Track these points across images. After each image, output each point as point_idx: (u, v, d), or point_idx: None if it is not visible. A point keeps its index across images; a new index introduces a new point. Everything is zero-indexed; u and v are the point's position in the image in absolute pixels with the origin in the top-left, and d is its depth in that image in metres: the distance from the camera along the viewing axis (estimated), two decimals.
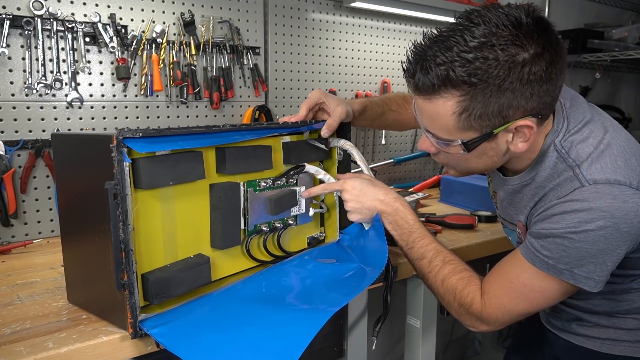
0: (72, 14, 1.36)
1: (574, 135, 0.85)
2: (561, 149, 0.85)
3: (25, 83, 1.32)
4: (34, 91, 1.33)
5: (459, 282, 0.93)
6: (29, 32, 1.30)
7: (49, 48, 1.34)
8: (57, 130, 1.37)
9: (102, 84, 1.44)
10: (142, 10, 1.48)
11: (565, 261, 0.81)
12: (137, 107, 1.51)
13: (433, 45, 0.77)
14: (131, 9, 1.46)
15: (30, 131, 1.34)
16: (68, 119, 1.40)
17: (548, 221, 0.83)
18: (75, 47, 1.38)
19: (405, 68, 0.82)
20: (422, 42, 0.79)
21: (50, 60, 1.34)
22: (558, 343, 1.05)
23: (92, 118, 1.44)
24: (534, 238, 0.85)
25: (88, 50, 1.40)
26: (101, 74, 1.44)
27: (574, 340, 1.02)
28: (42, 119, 1.36)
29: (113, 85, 1.46)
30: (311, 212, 1.08)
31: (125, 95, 1.48)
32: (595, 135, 0.85)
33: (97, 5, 1.40)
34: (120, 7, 1.44)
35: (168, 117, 1.56)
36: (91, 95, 1.43)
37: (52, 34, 1.33)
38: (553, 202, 0.84)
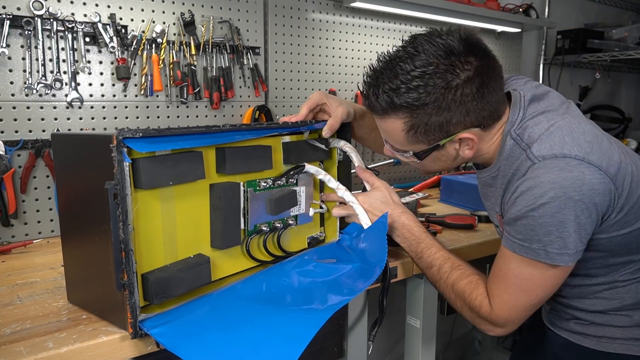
0: (72, 14, 1.36)
1: (528, 121, 0.92)
2: (516, 136, 0.92)
3: (25, 83, 1.32)
4: (34, 91, 1.33)
5: (467, 286, 0.98)
6: (29, 32, 1.30)
7: (49, 48, 1.34)
8: (57, 130, 1.37)
9: (102, 84, 1.44)
10: (142, 10, 1.48)
11: (536, 239, 0.86)
12: (137, 107, 1.51)
13: (382, 71, 0.89)
14: (131, 9, 1.46)
15: (30, 131, 1.34)
16: (68, 119, 1.40)
17: (513, 205, 0.88)
18: (75, 47, 1.38)
19: (360, 90, 0.96)
20: (374, 68, 0.91)
21: (50, 60, 1.34)
22: (557, 341, 1.07)
23: (92, 118, 1.44)
24: (507, 225, 0.90)
25: (88, 50, 1.40)
26: (101, 74, 1.44)
27: (571, 339, 1.04)
28: (42, 119, 1.36)
29: (113, 85, 1.46)
30: (311, 212, 1.08)
31: (125, 95, 1.48)
32: (549, 120, 0.91)
33: (97, 5, 1.40)
34: (120, 7, 1.44)
35: (168, 117, 1.56)
36: (91, 95, 1.43)
37: (52, 34, 1.33)
38: (514, 185, 0.90)
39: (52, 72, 1.35)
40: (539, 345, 1.15)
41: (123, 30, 1.44)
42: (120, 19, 1.44)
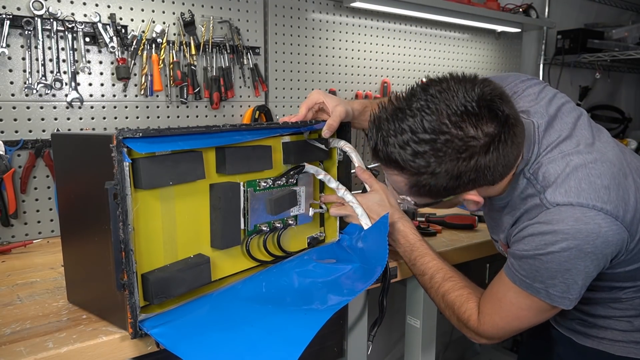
0: (72, 14, 1.36)
1: (542, 159, 0.87)
2: (530, 176, 0.88)
3: (25, 83, 1.32)
4: (34, 91, 1.33)
5: (457, 299, 0.98)
6: (29, 32, 1.30)
7: (49, 48, 1.34)
8: (57, 130, 1.37)
9: (102, 84, 1.44)
10: (142, 10, 1.48)
11: (539, 280, 0.85)
12: (137, 107, 1.51)
13: (391, 120, 0.81)
14: (131, 9, 1.46)
15: (30, 131, 1.34)
16: (68, 119, 1.40)
17: (521, 242, 0.87)
18: (75, 47, 1.38)
19: (366, 134, 0.90)
20: (385, 110, 0.83)
21: (50, 60, 1.34)
22: (561, 340, 1.08)
23: (92, 118, 1.44)
24: (512, 258, 0.89)
25: (88, 50, 1.40)
26: (101, 74, 1.44)
27: (574, 338, 1.05)
28: (42, 119, 1.36)
29: (113, 85, 1.46)
30: (311, 212, 1.08)
31: (125, 95, 1.48)
32: (564, 157, 0.86)
33: (97, 5, 1.40)
34: (120, 7, 1.44)
35: (168, 117, 1.56)
36: (91, 95, 1.43)
37: (52, 34, 1.33)
38: (525, 223, 0.87)
39: (52, 72, 1.35)
40: (544, 342, 1.16)
41: (123, 30, 1.44)
42: (120, 19, 1.44)
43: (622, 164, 0.88)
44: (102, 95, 1.45)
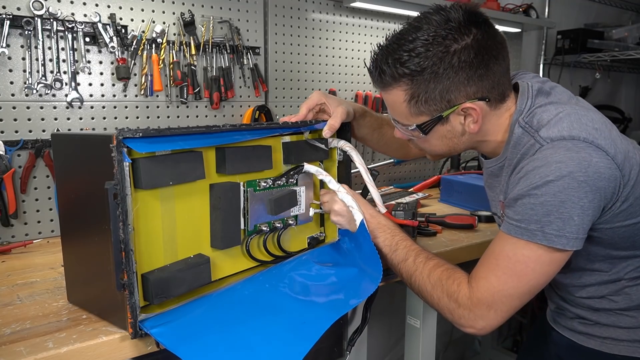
0: (72, 14, 1.36)
1: (537, 109, 0.92)
2: (524, 124, 0.92)
3: (25, 83, 1.32)
4: (34, 91, 1.33)
5: (444, 272, 0.93)
6: (29, 32, 1.30)
7: (49, 48, 1.34)
8: (57, 130, 1.37)
9: (102, 84, 1.44)
10: (142, 10, 1.48)
11: (534, 219, 0.83)
12: (137, 107, 1.51)
13: (387, 46, 0.92)
14: (131, 9, 1.46)
15: (30, 131, 1.34)
16: (68, 119, 1.40)
17: (517, 185, 0.87)
18: (75, 47, 1.38)
19: (368, 68, 0.97)
20: (380, 45, 0.93)
21: (50, 60, 1.34)
22: (562, 342, 1.06)
23: (92, 118, 1.44)
24: (507, 208, 0.89)
25: (88, 50, 1.40)
26: (101, 74, 1.44)
27: (576, 339, 1.03)
28: (42, 119, 1.36)
29: (113, 85, 1.46)
30: (311, 212, 1.08)
31: (125, 95, 1.48)
32: (557, 108, 0.90)
33: (97, 5, 1.40)
34: (120, 7, 1.44)
35: (168, 117, 1.56)
36: (91, 95, 1.43)
37: (52, 34, 1.33)
38: (521, 165, 0.89)
39: (52, 72, 1.35)
40: (543, 345, 1.14)
41: (123, 30, 1.44)
42: (120, 19, 1.44)
43: (617, 130, 0.93)
44: (102, 95, 1.45)
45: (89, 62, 1.40)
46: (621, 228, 0.90)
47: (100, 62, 1.43)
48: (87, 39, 1.39)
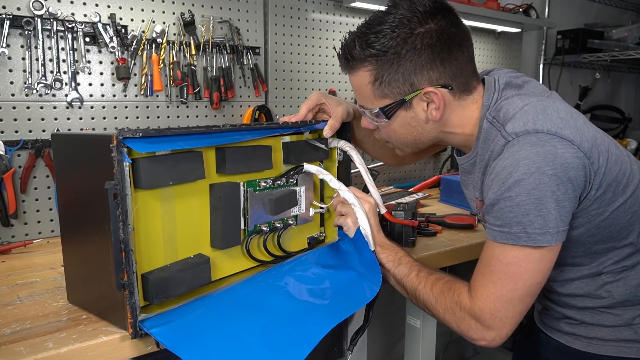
0: (72, 14, 1.36)
1: (503, 102, 0.92)
2: (492, 119, 0.92)
3: (25, 83, 1.32)
4: (34, 91, 1.33)
5: (445, 284, 0.94)
6: (29, 32, 1.30)
7: (49, 48, 1.34)
8: (57, 130, 1.37)
9: (102, 84, 1.44)
10: (142, 10, 1.48)
11: (515, 222, 0.83)
12: (137, 107, 1.51)
13: (355, 32, 0.94)
14: (131, 9, 1.46)
15: (30, 131, 1.34)
16: (68, 119, 1.40)
17: (490, 188, 0.87)
18: (75, 47, 1.38)
19: (337, 53, 0.99)
20: (350, 32, 0.96)
21: (50, 60, 1.34)
22: (549, 344, 1.06)
23: (92, 118, 1.44)
24: (487, 214, 0.89)
25: (88, 50, 1.40)
26: (101, 74, 1.44)
27: (563, 341, 1.03)
28: (42, 119, 1.36)
29: (113, 85, 1.46)
30: (311, 212, 1.08)
31: (125, 95, 1.48)
32: (523, 100, 0.90)
33: (97, 5, 1.40)
34: (120, 7, 1.44)
35: (168, 117, 1.56)
36: (91, 95, 1.43)
37: (52, 34, 1.33)
38: (491, 166, 0.89)
39: (52, 72, 1.35)
40: (533, 348, 1.14)
41: (123, 30, 1.44)
42: (120, 19, 1.44)
43: (586, 119, 0.93)
44: (102, 95, 1.45)
45: (89, 62, 1.40)
46: (597, 217, 0.90)
47: (100, 62, 1.43)
48: (87, 39, 1.39)
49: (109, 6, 1.42)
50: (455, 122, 0.96)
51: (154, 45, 1.49)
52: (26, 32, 1.30)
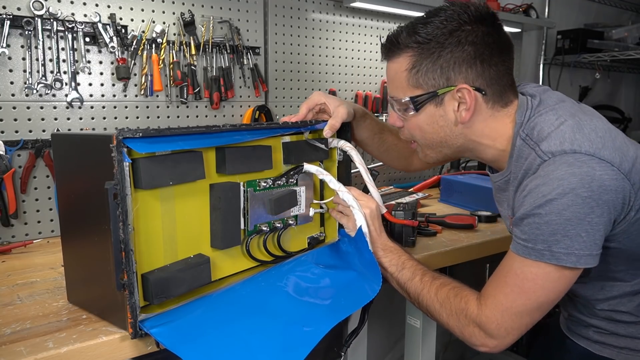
0: (72, 14, 1.36)
1: (536, 119, 0.91)
2: (525, 136, 0.90)
3: (25, 83, 1.32)
4: (34, 91, 1.33)
5: (451, 290, 0.93)
6: (29, 32, 1.30)
7: (49, 48, 1.34)
8: (57, 130, 1.37)
9: (102, 84, 1.44)
10: (142, 10, 1.48)
11: (541, 239, 0.82)
12: (137, 107, 1.51)
13: (405, 24, 0.95)
14: (131, 9, 1.46)
15: (30, 131, 1.34)
16: (68, 119, 1.40)
17: (522, 205, 0.85)
18: (75, 47, 1.38)
19: (381, 43, 0.99)
20: (400, 25, 0.97)
21: (51, 60, 1.35)
22: (575, 351, 1.04)
23: (92, 118, 1.44)
24: (515, 227, 0.87)
25: (88, 50, 1.40)
26: (101, 74, 1.44)
27: (590, 348, 1.01)
28: (42, 119, 1.36)
29: (113, 85, 1.46)
30: (311, 212, 1.08)
31: (125, 95, 1.48)
32: (558, 116, 0.89)
33: (97, 5, 1.40)
34: (120, 7, 1.44)
35: (168, 117, 1.56)
36: (91, 95, 1.43)
37: (52, 34, 1.33)
38: (525, 183, 0.88)
39: (52, 72, 1.35)
40: (556, 353, 1.12)
41: (123, 30, 1.44)
42: (120, 19, 1.44)
43: (624, 135, 0.91)
44: (102, 95, 1.45)
45: (89, 62, 1.40)
46: (638, 237, 0.87)
47: (100, 62, 1.43)
48: (87, 39, 1.39)
49: (109, 6, 1.42)
50: (485, 132, 0.95)
51: (154, 45, 1.49)
52: (26, 32, 1.30)
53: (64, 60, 1.37)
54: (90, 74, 1.41)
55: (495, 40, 0.91)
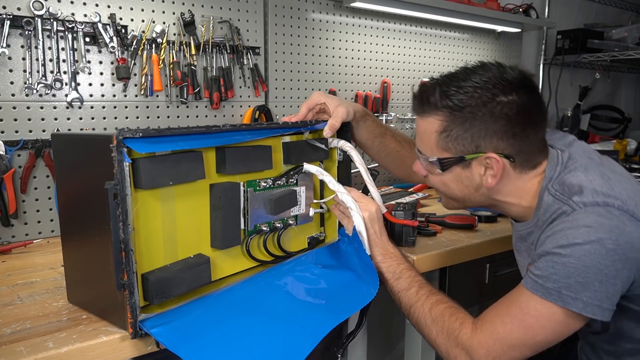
0: (72, 14, 1.36)
1: (566, 175, 0.90)
2: (554, 192, 0.90)
3: (25, 83, 1.32)
4: (34, 91, 1.33)
5: (447, 309, 0.92)
6: (29, 32, 1.30)
7: (49, 48, 1.34)
8: (57, 130, 1.37)
9: (102, 84, 1.44)
10: (142, 10, 1.48)
11: (554, 278, 0.81)
12: (137, 107, 1.51)
13: (437, 80, 0.94)
14: (131, 9, 1.46)
15: (30, 131, 1.34)
16: (68, 119, 1.40)
17: (543, 244, 0.85)
18: (75, 47, 1.38)
19: (413, 93, 0.99)
20: (432, 78, 0.95)
21: (51, 60, 1.34)
22: None
23: (92, 118, 1.44)
24: (533, 263, 0.86)
25: (88, 50, 1.40)
26: (101, 74, 1.44)
27: None
28: (42, 119, 1.36)
29: (113, 85, 1.46)
30: (311, 212, 1.08)
31: (125, 95, 1.49)
32: (588, 175, 0.88)
33: (97, 5, 1.40)
34: (120, 7, 1.44)
35: (168, 117, 1.56)
36: (91, 95, 1.43)
37: (52, 34, 1.33)
38: (550, 226, 0.87)
39: (52, 72, 1.35)
40: None
41: (123, 30, 1.44)
42: (120, 19, 1.44)
43: None
44: (102, 95, 1.45)
45: (89, 62, 1.40)
46: None
47: (100, 62, 1.43)
48: (87, 39, 1.39)
49: (109, 6, 1.42)
50: (510, 192, 0.95)
51: (154, 45, 1.49)
52: (26, 32, 1.30)
53: (64, 60, 1.37)
54: (90, 74, 1.41)
55: (530, 111, 0.89)
